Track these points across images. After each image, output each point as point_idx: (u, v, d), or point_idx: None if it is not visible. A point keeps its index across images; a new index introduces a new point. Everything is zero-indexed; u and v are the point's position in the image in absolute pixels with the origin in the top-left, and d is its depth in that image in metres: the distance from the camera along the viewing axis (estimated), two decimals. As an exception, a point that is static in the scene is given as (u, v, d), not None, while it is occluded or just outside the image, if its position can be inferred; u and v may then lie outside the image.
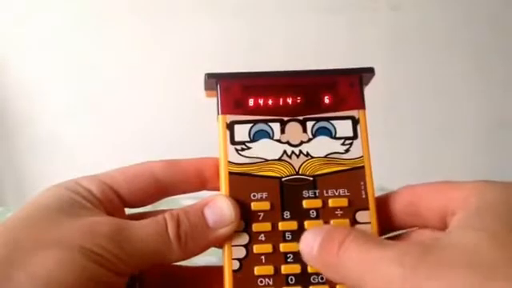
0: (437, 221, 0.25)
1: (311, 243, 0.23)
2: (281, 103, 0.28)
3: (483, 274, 0.19)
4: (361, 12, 0.92)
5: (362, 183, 0.27)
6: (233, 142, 0.27)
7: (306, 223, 0.26)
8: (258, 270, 0.25)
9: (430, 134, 0.95)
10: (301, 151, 0.27)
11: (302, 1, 0.91)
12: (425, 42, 0.93)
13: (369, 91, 0.29)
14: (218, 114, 0.28)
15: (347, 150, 0.27)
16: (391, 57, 0.92)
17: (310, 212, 0.26)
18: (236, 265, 0.26)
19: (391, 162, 0.85)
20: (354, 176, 0.27)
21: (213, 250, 0.27)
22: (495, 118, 0.95)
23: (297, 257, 0.26)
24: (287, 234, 0.26)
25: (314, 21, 0.91)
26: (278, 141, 0.27)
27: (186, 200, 0.28)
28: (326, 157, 0.27)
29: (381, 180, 0.30)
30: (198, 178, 0.28)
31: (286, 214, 0.26)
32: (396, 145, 0.92)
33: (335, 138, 0.27)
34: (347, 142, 0.27)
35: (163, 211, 0.26)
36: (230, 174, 0.27)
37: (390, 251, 0.21)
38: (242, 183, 0.27)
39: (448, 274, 0.19)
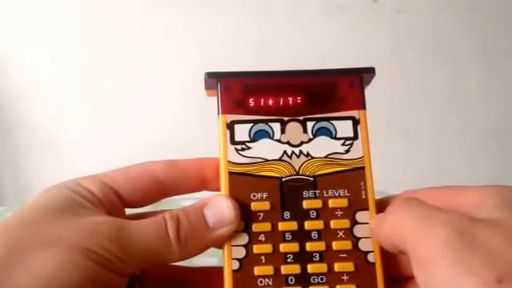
0: None
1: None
2: (281, 103, 0.28)
3: None
4: (364, 14, 0.92)
5: (362, 184, 0.27)
6: (233, 142, 0.27)
7: (306, 223, 0.26)
8: (257, 270, 0.25)
9: (432, 137, 0.95)
10: (301, 151, 0.27)
11: (306, 2, 0.91)
12: (428, 44, 0.93)
13: (370, 92, 0.29)
14: (219, 113, 0.28)
15: (347, 151, 0.27)
16: (394, 59, 0.92)
17: (310, 212, 0.26)
18: (236, 265, 0.26)
19: (389, 165, 0.85)
20: (354, 176, 0.27)
21: (213, 250, 0.27)
22: (500, 121, 0.95)
23: (297, 257, 0.26)
24: (287, 235, 0.26)
25: (317, 23, 0.91)
26: (279, 141, 0.27)
27: (186, 200, 0.28)
28: (326, 157, 0.27)
29: (380, 182, 0.30)
30: (198, 179, 0.28)
31: (286, 215, 0.26)
32: (396, 147, 0.92)
33: (335, 138, 0.27)
34: (347, 142, 0.27)
35: (163, 211, 0.26)
36: (230, 173, 0.27)
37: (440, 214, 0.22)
38: (242, 183, 0.27)
39: (494, 240, 0.20)
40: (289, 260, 0.26)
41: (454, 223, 0.21)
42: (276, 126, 0.27)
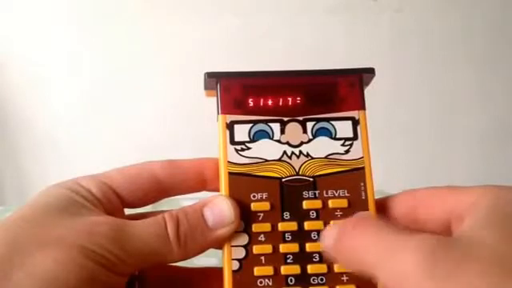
0: (438, 226, 0.24)
1: (331, 233, 0.23)
2: (281, 103, 0.28)
3: (505, 272, 0.18)
4: (363, 14, 0.92)
5: (361, 184, 0.27)
6: (233, 142, 0.27)
7: (306, 224, 0.26)
8: (257, 271, 0.25)
9: (432, 137, 0.95)
10: (301, 152, 0.27)
11: (305, 2, 0.91)
12: (428, 44, 0.93)
13: (369, 92, 0.29)
14: (218, 113, 0.28)
15: (347, 151, 0.27)
16: (394, 59, 0.92)
17: (310, 213, 0.26)
18: (236, 265, 0.25)
19: (389, 165, 0.85)
20: (354, 177, 0.27)
21: (213, 250, 0.27)
22: (500, 121, 0.95)
23: (297, 257, 0.26)
24: (287, 235, 0.26)
25: (316, 22, 0.91)
26: (278, 141, 0.27)
27: (185, 200, 0.28)
28: (326, 157, 0.27)
29: (380, 182, 0.30)
30: (198, 179, 0.28)
31: (286, 215, 0.26)
32: (396, 147, 0.92)
33: (335, 138, 0.27)
34: (347, 142, 0.27)
35: (163, 211, 0.26)
36: (230, 174, 0.27)
37: (409, 237, 0.20)
38: (242, 183, 0.26)
39: (468, 270, 0.18)
40: (289, 260, 0.26)
41: (426, 248, 0.19)
42: (276, 127, 0.27)
